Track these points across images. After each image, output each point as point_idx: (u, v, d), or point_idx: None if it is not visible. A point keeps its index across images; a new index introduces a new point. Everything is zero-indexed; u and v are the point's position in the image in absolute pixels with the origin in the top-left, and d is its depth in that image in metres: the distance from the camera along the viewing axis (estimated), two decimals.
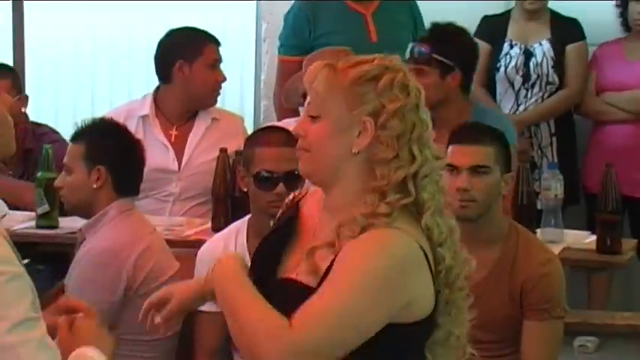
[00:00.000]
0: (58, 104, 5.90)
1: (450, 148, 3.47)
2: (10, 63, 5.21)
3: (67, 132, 3.97)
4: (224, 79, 4.62)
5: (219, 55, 4.63)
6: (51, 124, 4.89)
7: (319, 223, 2.34)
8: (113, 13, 5.90)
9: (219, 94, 4.64)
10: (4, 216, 4.06)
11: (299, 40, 4.93)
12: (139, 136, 4.02)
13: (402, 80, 2.27)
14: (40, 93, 5.59)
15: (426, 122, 2.30)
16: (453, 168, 3.41)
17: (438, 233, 2.28)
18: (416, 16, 5.09)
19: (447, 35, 4.35)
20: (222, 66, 4.61)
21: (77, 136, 3.67)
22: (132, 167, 3.68)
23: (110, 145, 3.62)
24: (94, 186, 3.53)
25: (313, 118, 2.31)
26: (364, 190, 2.27)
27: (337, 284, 2.18)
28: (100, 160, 3.56)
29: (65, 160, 3.68)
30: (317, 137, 2.29)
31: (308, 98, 2.35)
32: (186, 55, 4.54)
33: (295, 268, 2.32)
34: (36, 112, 4.72)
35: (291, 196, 2.53)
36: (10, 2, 5.26)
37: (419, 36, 4.40)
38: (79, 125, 3.70)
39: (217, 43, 4.64)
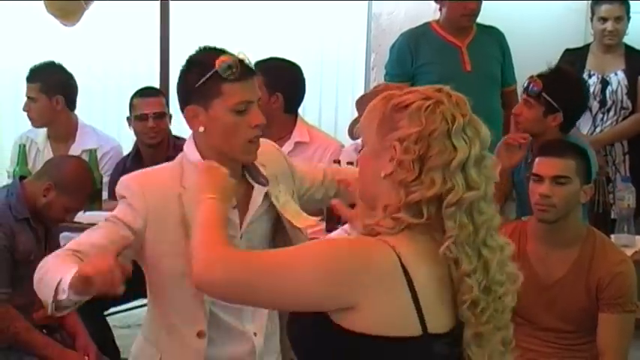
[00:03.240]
0: None
1: (537, 159, 3.48)
2: (158, 84, 5.33)
3: None
4: None
5: None
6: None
7: None
8: (244, 26, 5.91)
9: None
10: None
11: (402, 69, 4.93)
12: None
13: (432, 106, 1.98)
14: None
15: (463, 149, 1.97)
16: (538, 177, 3.43)
17: (467, 263, 1.97)
18: (504, 49, 5.06)
19: (561, 80, 4.21)
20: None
21: None
22: None
23: None
24: None
25: (363, 145, 2.16)
26: None
27: (298, 249, 2.03)
28: None
29: None
30: (361, 162, 2.12)
31: None
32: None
33: None
34: (177, 127, 4.79)
35: None
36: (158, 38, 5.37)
37: (538, 73, 4.17)
38: None
39: None
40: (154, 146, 4.59)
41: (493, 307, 2.00)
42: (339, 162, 4.11)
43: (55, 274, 2.39)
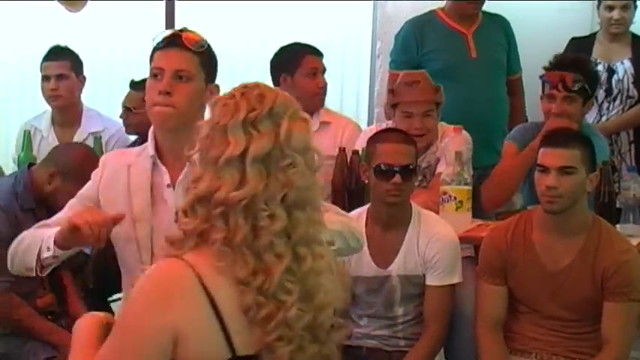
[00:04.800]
0: None
1: (542, 150, 3.43)
2: None
3: None
4: (325, 84, 4.52)
5: (319, 64, 4.55)
6: None
7: None
8: (249, 26, 5.89)
9: (321, 98, 4.52)
10: None
11: (407, 57, 4.87)
12: None
13: (224, 100, 1.87)
14: None
15: (238, 143, 1.81)
16: (543, 168, 3.39)
17: (240, 268, 1.81)
18: (510, 37, 5.01)
19: (588, 68, 4.24)
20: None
21: None
22: None
23: None
24: None
25: None
26: None
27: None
28: None
29: None
30: None
31: None
32: (287, 68, 4.50)
33: None
34: None
35: None
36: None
37: (561, 66, 4.13)
38: None
39: (318, 53, 4.57)
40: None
41: (280, 316, 1.82)
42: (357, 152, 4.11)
43: (36, 240, 2.63)
